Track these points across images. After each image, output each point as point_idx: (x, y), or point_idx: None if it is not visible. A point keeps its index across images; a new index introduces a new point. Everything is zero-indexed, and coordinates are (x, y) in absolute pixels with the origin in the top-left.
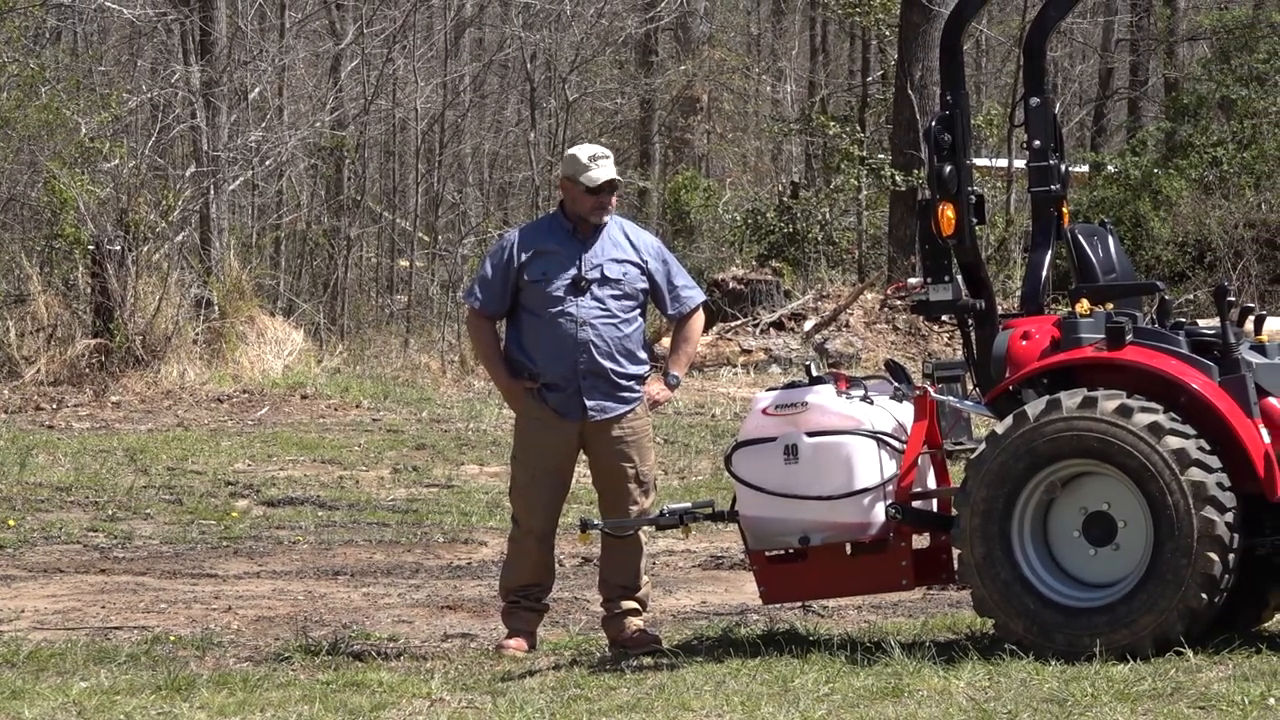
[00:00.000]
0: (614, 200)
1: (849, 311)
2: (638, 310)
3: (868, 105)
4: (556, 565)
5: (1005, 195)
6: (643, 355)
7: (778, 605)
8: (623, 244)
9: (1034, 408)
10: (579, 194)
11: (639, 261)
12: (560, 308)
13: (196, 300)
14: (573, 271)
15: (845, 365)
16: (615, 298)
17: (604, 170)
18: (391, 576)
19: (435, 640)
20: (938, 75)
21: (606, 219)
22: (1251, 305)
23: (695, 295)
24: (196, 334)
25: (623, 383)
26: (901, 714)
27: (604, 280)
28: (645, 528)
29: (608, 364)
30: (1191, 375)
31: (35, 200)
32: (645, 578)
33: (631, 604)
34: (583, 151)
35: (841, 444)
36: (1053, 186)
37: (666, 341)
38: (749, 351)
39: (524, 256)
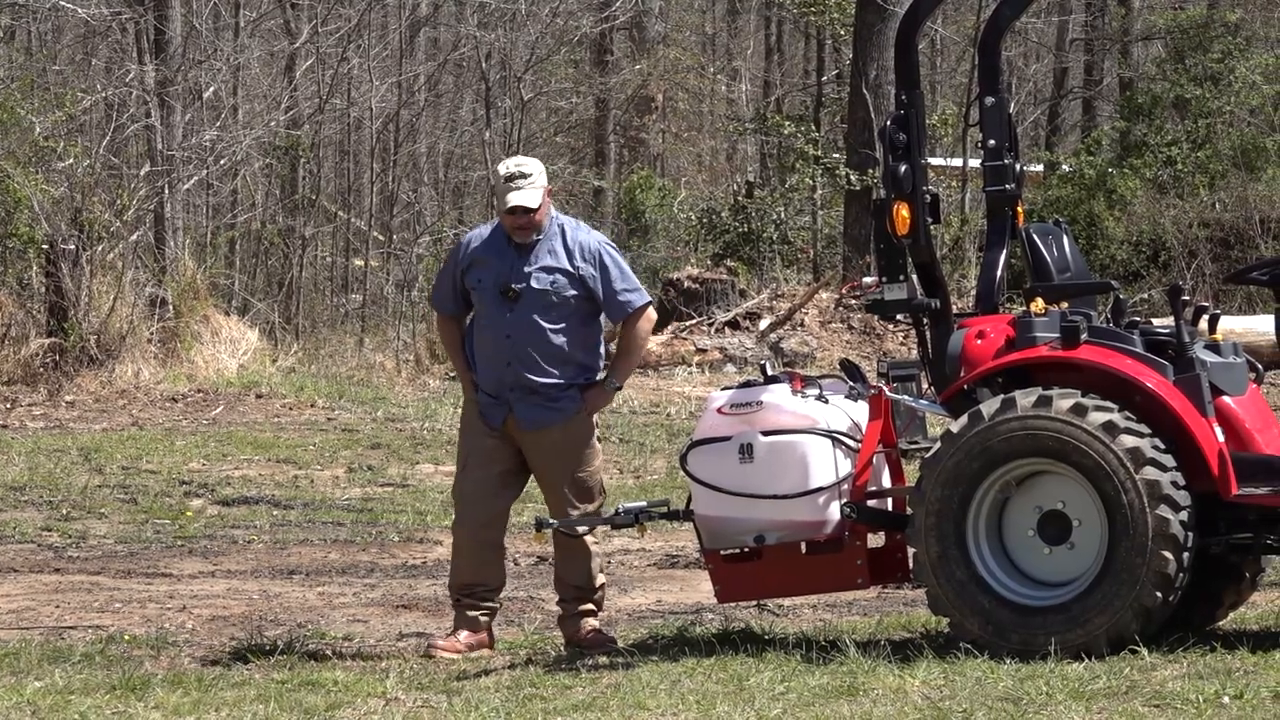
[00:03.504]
0: (537, 219)
1: (804, 311)
2: (575, 318)
3: (823, 104)
4: (511, 565)
5: (960, 194)
6: (589, 360)
7: (733, 604)
8: (558, 251)
9: (989, 407)
10: (501, 212)
11: (569, 269)
12: (492, 318)
13: (151, 300)
14: (501, 281)
15: (800, 364)
16: (546, 308)
17: (515, 195)
18: (346, 576)
19: (390, 639)
20: (893, 75)
21: (535, 236)
22: (1206, 304)
23: (634, 299)
24: (151, 333)
25: (555, 394)
26: (857, 713)
27: (530, 291)
28: (600, 527)
29: (536, 378)
30: (1146, 374)
31: None
32: (600, 577)
33: (587, 604)
34: (505, 168)
35: (796, 443)
36: (1007, 186)
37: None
38: (704, 351)
39: (466, 263)
